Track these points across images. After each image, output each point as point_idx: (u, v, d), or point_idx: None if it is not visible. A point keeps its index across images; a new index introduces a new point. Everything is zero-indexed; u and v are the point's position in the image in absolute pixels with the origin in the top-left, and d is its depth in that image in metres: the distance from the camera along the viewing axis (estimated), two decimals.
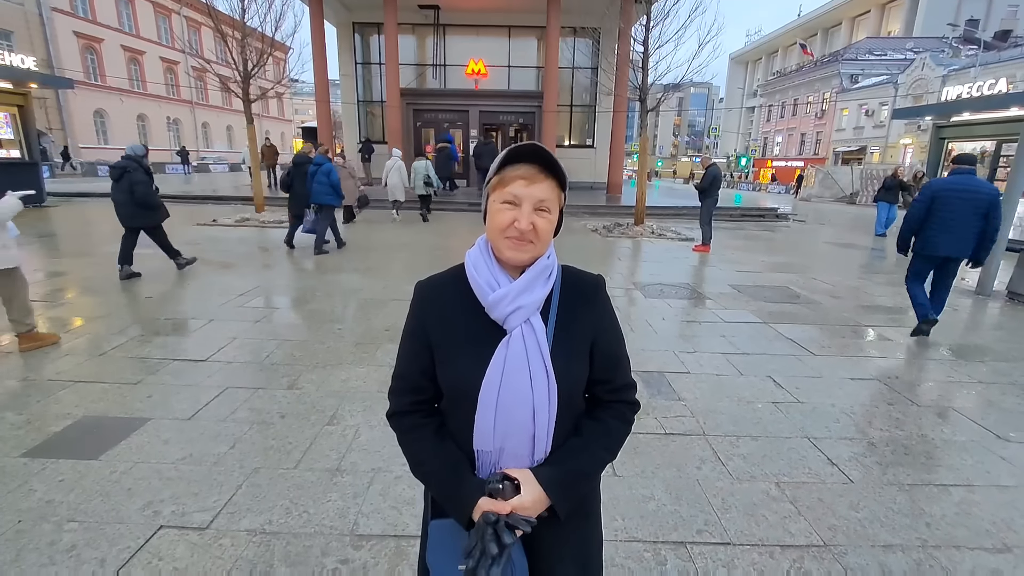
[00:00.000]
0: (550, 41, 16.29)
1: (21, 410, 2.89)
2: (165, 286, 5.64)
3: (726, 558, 1.96)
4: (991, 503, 2.33)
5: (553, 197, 0.91)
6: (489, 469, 0.94)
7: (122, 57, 30.44)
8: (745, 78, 61.87)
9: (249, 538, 1.98)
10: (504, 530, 0.84)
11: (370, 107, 19.52)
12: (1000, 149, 10.12)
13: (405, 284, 6.00)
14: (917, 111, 16.01)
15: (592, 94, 19.32)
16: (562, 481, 0.92)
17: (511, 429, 0.92)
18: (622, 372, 1.02)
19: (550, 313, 0.96)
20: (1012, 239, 7.33)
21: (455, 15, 17.85)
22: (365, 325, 4.58)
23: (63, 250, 7.64)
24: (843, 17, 46.79)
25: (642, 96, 10.78)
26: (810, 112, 41.85)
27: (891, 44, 38.59)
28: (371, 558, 1.90)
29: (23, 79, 11.97)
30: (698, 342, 4.39)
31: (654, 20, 10.45)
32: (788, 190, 31.28)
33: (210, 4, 10.35)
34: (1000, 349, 4.45)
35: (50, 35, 25.52)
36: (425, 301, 1.00)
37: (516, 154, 0.91)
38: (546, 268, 0.95)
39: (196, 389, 3.22)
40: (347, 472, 2.42)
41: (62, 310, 4.75)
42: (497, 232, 0.92)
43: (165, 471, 2.38)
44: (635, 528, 2.11)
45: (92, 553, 1.88)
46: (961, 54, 32.48)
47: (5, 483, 2.25)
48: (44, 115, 24.37)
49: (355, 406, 3.07)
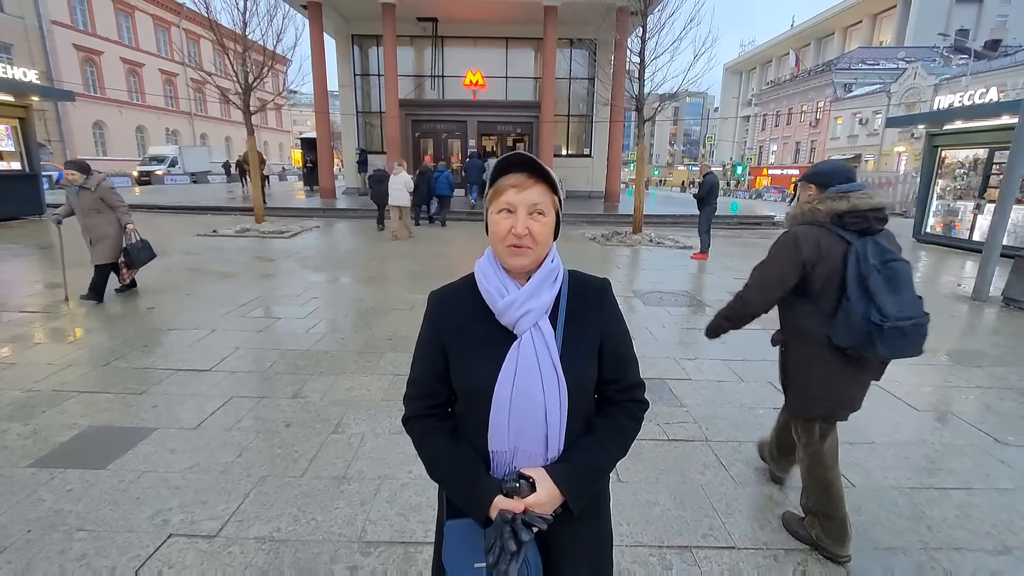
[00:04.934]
0: (547, 52, 16.49)
1: (27, 420, 2.90)
2: (167, 297, 5.66)
3: (731, 562, 1.99)
4: (991, 505, 2.36)
5: (546, 200, 0.95)
6: (504, 469, 0.98)
7: (121, 69, 30.59)
8: (740, 87, 62.49)
9: (258, 546, 1.99)
10: (521, 528, 0.88)
11: (369, 118, 19.66)
12: (992, 157, 10.24)
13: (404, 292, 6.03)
14: (910, 119, 16.21)
15: (589, 104, 19.50)
16: (575, 478, 0.95)
17: (524, 429, 0.96)
18: (631, 372, 1.06)
19: (558, 317, 1.00)
20: (1007, 245, 7.40)
21: (453, 27, 18.06)
22: (367, 334, 4.60)
23: (64, 262, 7.63)
24: (835, 27, 47.43)
25: (638, 106, 10.91)
26: (804, 121, 42.25)
27: (883, 53, 39.08)
28: (379, 565, 1.92)
29: (25, 92, 12.02)
30: (698, 349, 4.43)
31: (650, 32, 10.60)
32: (784, 196, 31.50)
33: (213, 19, 10.44)
34: (997, 354, 4.49)
35: (49, 48, 25.64)
36: (439, 309, 1.04)
37: (505, 164, 0.96)
38: (552, 272, 1.00)
39: (201, 399, 3.24)
40: (354, 480, 2.44)
41: (64, 321, 4.76)
42: (498, 241, 0.97)
43: (173, 480, 2.39)
44: (640, 533, 2.13)
45: (103, 562, 1.89)
46: (952, 63, 32.91)
47: (14, 493, 2.26)
48: (43, 127, 24.42)
49: (360, 414, 3.09)
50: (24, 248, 8.51)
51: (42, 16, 25.21)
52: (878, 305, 1.73)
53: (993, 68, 28.09)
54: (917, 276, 8.27)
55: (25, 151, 11.68)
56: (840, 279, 1.83)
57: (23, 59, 23.85)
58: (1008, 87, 25.80)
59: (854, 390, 1.98)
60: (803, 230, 1.92)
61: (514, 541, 0.87)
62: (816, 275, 1.87)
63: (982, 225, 10.05)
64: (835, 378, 1.94)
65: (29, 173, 11.76)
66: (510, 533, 0.87)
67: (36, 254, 8.06)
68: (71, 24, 27.11)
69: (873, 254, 1.78)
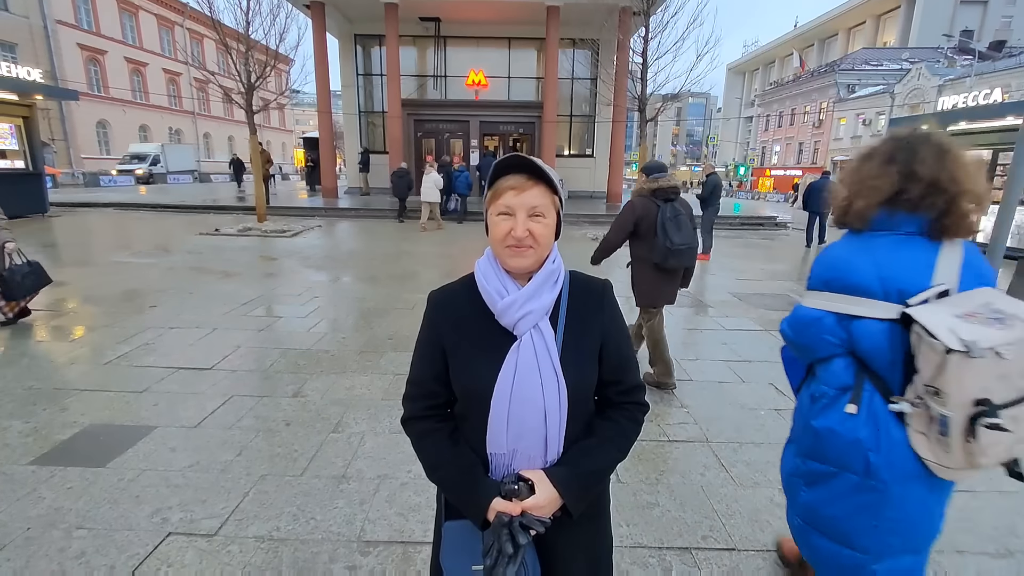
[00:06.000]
0: (549, 52, 16.48)
1: (28, 418, 2.90)
2: (168, 295, 5.67)
3: (731, 564, 1.98)
4: (993, 509, 2.35)
5: (546, 202, 0.94)
6: (503, 471, 0.97)
7: (125, 69, 30.71)
8: (743, 88, 62.36)
9: (257, 545, 1.99)
10: (519, 530, 0.87)
11: (371, 117, 19.67)
12: (997, 158, 10.20)
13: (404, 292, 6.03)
14: (914, 120, 16.13)
15: (591, 104, 19.48)
16: (575, 481, 0.95)
17: (523, 432, 0.95)
18: (631, 374, 1.05)
19: (559, 318, 0.99)
20: (1010, 247, 7.35)
21: (455, 27, 18.06)
22: (368, 334, 4.60)
23: (66, 260, 7.68)
24: (839, 28, 47.29)
25: (641, 106, 10.91)
26: (807, 121, 42.13)
27: (887, 54, 38.95)
28: (378, 564, 1.92)
29: (29, 91, 12.08)
30: (700, 349, 4.41)
31: (652, 32, 10.60)
32: (787, 198, 31.39)
33: (216, 19, 10.46)
34: None
35: (54, 47, 25.75)
36: (438, 310, 1.04)
37: (504, 167, 0.95)
38: (552, 273, 0.99)
39: (202, 397, 3.24)
40: (353, 479, 2.44)
41: (66, 319, 4.77)
42: (498, 243, 0.96)
43: (173, 478, 2.39)
44: (640, 534, 2.12)
45: (101, 560, 1.89)
46: (956, 64, 32.79)
47: (14, 491, 2.26)
48: (47, 126, 24.51)
49: (360, 414, 3.09)
50: (27, 247, 8.48)
51: (47, 16, 25.32)
52: (670, 238, 3.22)
53: (997, 69, 27.96)
54: None
55: (29, 150, 11.72)
56: (653, 226, 3.28)
57: (27, 58, 23.97)
58: (1012, 88, 25.71)
59: (666, 288, 3.47)
60: (637, 200, 3.39)
61: (511, 544, 0.86)
62: (642, 224, 3.33)
63: (985, 227, 9.97)
64: (655, 282, 3.43)
65: (33, 172, 11.81)
66: (508, 535, 0.87)
67: (39, 253, 8.08)
68: (75, 24, 27.23)
69: (669, 212, 3.27)
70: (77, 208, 14.61)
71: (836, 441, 1.34)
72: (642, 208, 3.31)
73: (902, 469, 1.27)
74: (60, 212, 13.29)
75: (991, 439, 1.12)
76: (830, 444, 1.36)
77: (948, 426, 1.15)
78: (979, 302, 1.18)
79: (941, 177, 1.25)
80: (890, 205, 1.31)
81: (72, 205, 14.86)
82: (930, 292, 1.21)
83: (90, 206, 15.13)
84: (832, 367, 1.37)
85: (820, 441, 1.39)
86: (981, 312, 1.15)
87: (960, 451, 1.16)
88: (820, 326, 1.35)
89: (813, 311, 1.37)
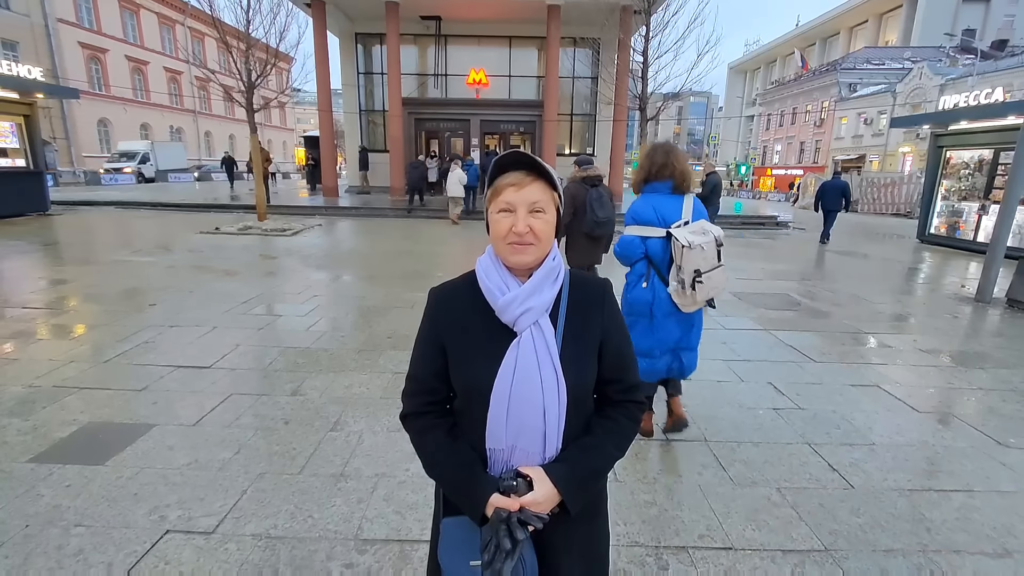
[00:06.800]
0: (550, 51, 16.47)
1: (27, 416, 2.91)
2: (168, 294, 5.67)
3: (728, 563, 1.98)
4: (991, 508, 2.35)
5: (546, 198, 0.95)
6: (501, 467, 0.97)
7: (126, 67, 30.72)
8: (744, 87, 62.22)
9: (254, 542, 1.99)
10: (516, 526, 0.87)
11: (372, 116, 19.68)
12: (998, 157, 10.18)
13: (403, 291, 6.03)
14: (915, 120, 16.13)
15: (592, 103, 19.48)
16: (573, 478, 0.95)
17: (522, 428, 0.95)
18: (631, 373, 1.05)
19: (559, 316, 1.00)
20: (1011, 247, 7.34)
21: (456, 26, 18.05)
22: (367, 332, 4.60)
23: (67, 258, 7.69)
24: (841, 27, 47.17)
25: (642, 105, 10.90)
26: (809, 121, 42.05)
27: (889, 53, 38.84)
28: (375, 562, 1.92)
29: (30, 89, 12.07)
30: (699, 348, 4.40)
31: (653, 31, 10.60)
32: (788, 198, 31.35)
33: (216, 17, 10.46)
34: (1000, 356, 4.46)
35: (55, 46, 25.77)
36: (439, 306, 1.04)
37: (503, 164, 0.96)
38: (552, 270, 0.99)
39: (201, 396, 3.24)
40: (351, 477, 2.44)
41: (66, 317, 4.78)
42: (499, 239, 0.96)
43: (171, 476, 2.40)
44: (637, 533, 2.13)
45: (99, 557, 1.89)
46: (958, 63, 32.69)
47: (12, 488, 2.27)
48: (48, 124, 24.54)
49: (358, 412, 3.09)
50: (28, 245, 8.56)
51: (48, 14, 25.34)
52: (596, 213, 4.24)
53: (999, 68, 27.87)
54: (920, 277, 8.24)
55: (30, 148, 11.73)
56: (584, 205, 4.25)
57: (29, 56, 23.99)
58: (1014, 87, 25.63)
59: (594, 252, 4.54)
60: (571, 185, 4.32)
61: (509, 539, 0.86)
62: (577, 205, 4.27)
63: (987, 226, 9.98)
64: (586, 248, 4.48)
65: (34, 170, 11.82)
66: (505, 531, 0.87)
67: (40, 251, 8.11)
68: (77, 22, 27.25)
69: (594, 195, 4.26)
70: (78, 206, 14.63)
71: (637, 302, 2.66)
72: (577, 192, 4.30)
73: (664, 309, 2.62)
74: (61, 210, 13.31)
75: (700, 289, 2.49)
76: (635, 304, 2.67)
77: (684, 285, 2.51)
78: (698, 227, 2.54)
79: (670, 162, 2.59)
80: (656, 178, 2.62)
81: (73, 203, 14.88)
82: (679, 222, 2.56)
83: (91, 204, 15.16)
84: (637, 267, 2.69)
85: (630, 304, 2.68)
86: (697, 230, 2.52)
87: (689, 296, 2.52)
88: (633, 244, 2.63)
89: (630, 236, 2.64)
